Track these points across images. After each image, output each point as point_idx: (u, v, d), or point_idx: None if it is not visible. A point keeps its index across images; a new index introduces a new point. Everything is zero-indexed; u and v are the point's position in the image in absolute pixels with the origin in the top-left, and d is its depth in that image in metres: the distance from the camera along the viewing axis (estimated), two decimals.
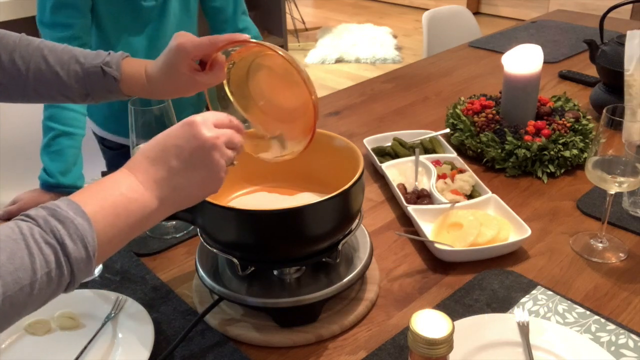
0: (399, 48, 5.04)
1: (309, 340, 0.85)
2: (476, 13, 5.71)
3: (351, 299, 0.91)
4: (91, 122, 1.59)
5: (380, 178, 1.28)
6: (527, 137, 1.27)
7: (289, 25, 5.22)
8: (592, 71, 1.72)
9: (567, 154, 1.25)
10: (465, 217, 1.04)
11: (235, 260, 0.85)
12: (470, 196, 1.15)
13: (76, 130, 1.31)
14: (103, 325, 0.87)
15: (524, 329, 0.83)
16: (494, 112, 1.37)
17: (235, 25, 1.55)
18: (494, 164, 1.29)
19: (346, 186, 0.81)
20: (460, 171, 1.22)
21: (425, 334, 0.56)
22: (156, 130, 1.00)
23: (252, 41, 0.82)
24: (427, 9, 2.51)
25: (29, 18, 2.57)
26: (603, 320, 0.86)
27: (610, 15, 1.55)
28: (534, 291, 0.92)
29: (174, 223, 1.11)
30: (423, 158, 1.25)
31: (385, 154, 1.33)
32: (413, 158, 1.26)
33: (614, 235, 1.06)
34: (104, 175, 0.97)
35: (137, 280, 0.98)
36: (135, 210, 0.62)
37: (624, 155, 0.94)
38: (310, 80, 0.80)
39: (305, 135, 0.84)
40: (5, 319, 0.52)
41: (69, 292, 0.58)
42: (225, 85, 0.89)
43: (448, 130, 1.40)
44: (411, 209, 1.08)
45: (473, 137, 1.33)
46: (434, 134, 1.38)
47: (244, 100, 0.90)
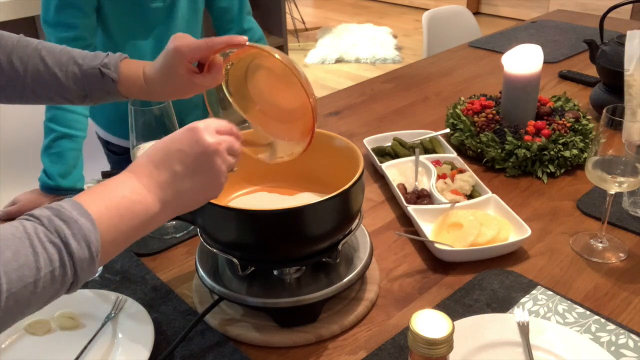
0: (399, 48, 5.04)
1: (309, 340, 0.85)
2: (476, 13, 5.71)
3: (351, 299, 0.91)
4: (96, 126, 1.58)
5: (380, 178, 1.28)
6: (527, 137, 1.27)
7: (289, 25, 5.22)
8: (592, 71, 1.71)
9: (567, 154, 1.25)
10: (465, 217, 1.04)
11: (235, 260, 0.85)
12: (470, 196, 1.15)
13: (77, 133, 1.31)
14: (103, 325, 0.87)
15: (524, 329, 0.83)
16: (494, 112, 1.37)
17: (240, 26, 1.55)
18: (494, 164, 1.29)
19: (346, 186, 0.81)
20: (460, 171, 1.22)
21: (425, 334, 0.56)
22: (156, 130, 1.01)
23: (250, 44, 0.82)
24: (427, 9, 2.51)
25: (29, 18, 2.57)
26: (603, 320, 0.86)
27: (610, 15, 1.55)
28: (534, 291, 0.92)
29: (174, 223, 1.11)
30: (423, 158, 1.25)
31: (385, 154, 1.33)
32: (413, 158, 1.26)
33: (614, 235, 1.06)
34: (104, 174, 0.97)
35: (137, 280, 0.98)
36: (139, 212, 0.62)
37: (624, 155, 0.94)
38: (308, 83, 0.80)
39: (304, 137, 0.84)
40: (8, 316, 0.52)
41: (71, 293, 0.58)
42: (223, 86, 0.89)
43: (448, 130, 1.40)
44: (411, 209, 1.08)
45: (473, 137, 1.33)
46: (434, 134, 1.38)
47: (243, 101, 0.90)
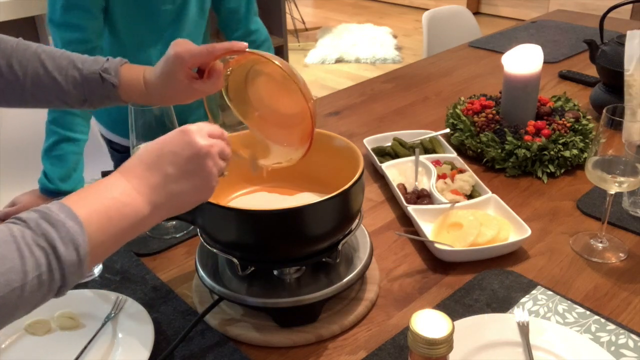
0: (399, 48, 5.04)
1: (309, 340, 0.85)
2: (476, 13, 5.71)
3: (351, 299, 0.91)
4: (99, 125, 1.58)
5: (380, 178, 1.28)
6: (527, 137, 1.27)
7: (289, 25, 5.22)
8: (592, 71, 1.71)
9: (567, 154, 1.25)
10: (465, 217, 1.04)
11: (235, 260, 0.85)
12: (470, 196, 1.15)
13: (79, 136, 1.30)
14: (103, 325, 0.87)
15: (524, 329, 0.83)
16: (494, 112, 1.37)
17: (247, 27, 1.54)
18: (494, 164, 1.29)
19: (346, 186, 0.81)
20: (460, 171, 1.22)
21: (425, 334, 0.56)
22: (156, 131, 1.01)
23: (250, 51, 0.82)
24: (427, 9, 2.51)
25: (29, 18, 2.57)
26: (603, 320, 0.86)
27: (610, 15, 1.55)
28: (534, 291, 0.92)
29: (174, 223, 1.11)
30: (423, 158, 1.25)
31: (385, 154, 1.33)
32: (413, 158, 1.26)
33: (614, 235, 1.06)
34: (104, 174, 0.97)
35: (137, 280, 0.98)
36: (128, 214, 0.62)
37: (624, 155, 0.94)
38: (307, 88, 0.80)
39: (303, 143, 0.84)
40: None
41: (60, 296, 0.57)
42: (223, 92, 0.90)
43: (448, 130, 1.40)
44: (411, 209, 1.08)
45: (473, 137, 1.33)
46: (434, 134, 1.38)
47: (243, 107, 0.91)
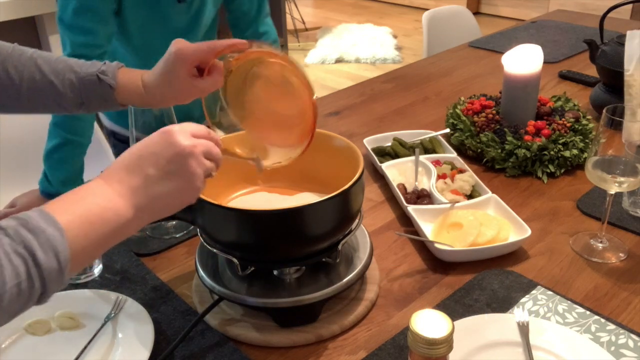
0: (399, 48, 5.04)
1: (309, 340, 0.85)
2: (476, 13, 5.71)
3: (351, 299, 0.91)
4: (103, 116, 1.57)
5: (380, 178, 1.28)
6: (527, 137, 1.27)
7: (289, 25, 5.22)
8: (592, 71, 1.71)
9: (567, 154, 1.25)
10: (465, 217, 1.04)
11: (235, 260, 0.85)
12: (470, 196, 1.15)
13: (82, 140, 1.29)
14: (103, 325, 0.87)
15: (524, 329, 0.83)
16: (494, 112, 1.37)
17: (256, 29, 1.53)
18: (494, 164, 1.29)
19: (346, 186, 0.81)
20: (460, 171, 1.22)
21: (425, 334, 0.56)
22: (156, 129, 1.00)
23: (251, 50, 0.82)
24: (427, 9, 2.51)
25: (29, 18, 2.57)
26: (603, 320, 0.86)
27: (610, 15, 1.55)
28: (534, 291, 0.92)
29: (174, 223, 1.11)
30: (423, 158, 1.25)
31: (385, 154, 1.33)
32: (413, 158, 1.26)
33: (614, 235, 1.06)
34: None
35: (137, 280, 0.98)
36: (110, 219, 0.61)
37: (624, 155, 0.94)
38: (309, 81, 0.80)
39: (302, 141, 0.84)
40: None
41: (42, 304, 0.56)
42: (221, 95, 0.90)
43: (448, 130, 1.40)
44: (411, 209, 1.08)
45: (473, 137, 1.33)
46: (434, 134, 1.38)
47: (241, 110, 0.91)
